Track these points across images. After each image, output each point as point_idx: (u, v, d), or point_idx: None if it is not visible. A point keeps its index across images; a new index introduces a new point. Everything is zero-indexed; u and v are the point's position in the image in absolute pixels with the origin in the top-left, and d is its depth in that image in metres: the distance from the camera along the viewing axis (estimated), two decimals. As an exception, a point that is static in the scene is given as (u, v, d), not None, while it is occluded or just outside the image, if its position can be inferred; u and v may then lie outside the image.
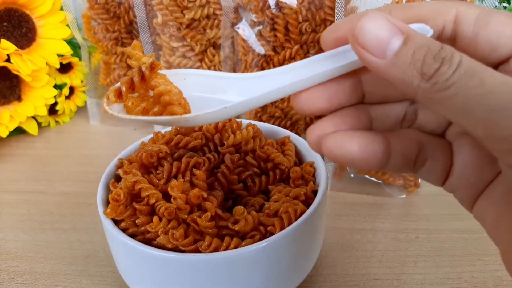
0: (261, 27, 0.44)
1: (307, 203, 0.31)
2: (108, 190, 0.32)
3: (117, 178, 0.34)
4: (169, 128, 0.37)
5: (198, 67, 0.51)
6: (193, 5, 0.47)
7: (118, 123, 0.59)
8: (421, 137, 0.21)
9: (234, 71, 0.50)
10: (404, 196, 0.43)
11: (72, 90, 0.61)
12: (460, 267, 0.35)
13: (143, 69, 0.23)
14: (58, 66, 0.55)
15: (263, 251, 0.27)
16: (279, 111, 0.47)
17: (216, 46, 0.50)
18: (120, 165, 0.34)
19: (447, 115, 0.16)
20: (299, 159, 0.37)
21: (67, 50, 0.55)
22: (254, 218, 0.29)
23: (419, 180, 0.43)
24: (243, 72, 0.47)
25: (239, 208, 0.29)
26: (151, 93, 0.24)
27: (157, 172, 0.31)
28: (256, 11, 0.43)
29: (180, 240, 0.27)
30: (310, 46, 0.43)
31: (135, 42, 0.25)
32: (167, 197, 0.30)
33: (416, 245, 0.37)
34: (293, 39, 0.43)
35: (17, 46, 0.52)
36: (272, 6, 0.42)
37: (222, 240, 0.28)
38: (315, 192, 0.32)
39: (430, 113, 0.21)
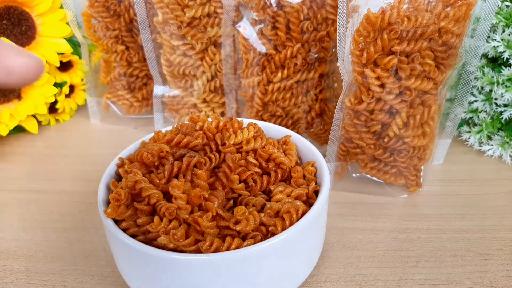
0: (262, 25, 0.43)
1: (309, 203, 0.31)
2: (108, 190, 0.32)
3: (118, 178, 0.34)
4: (170, 127, 0.36)
5: (199, 66, 0.51)
6: (194, 3, 0.47)
7: (119, 121, 0.59)
8: None
9: (235, 69, 0.50)
10: (406, 195, 0.43)
11: (72, 88, 0.60)
12: (462, 267, 0.35)
13: None
14: (58, 65, 0.55)
15: (264, 251, 0.27)
16: (280, 110, 0.47)
17: (217, 44, 0.50)
18: (120, 164, 0.34)
19: None
20: (301, 159, 0.36)
21: (67, 48, 0.55)
22: (256, 218, 0.28)
23: (421, 179, 0.43)
24: (244, 71, 0.47)
25: (241, 208, 0.29)
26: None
27: (158, 171, 0.31)
28: (257, 10, 0.43)
29: (181, 240, 0.27)
30: (312, 45, 0.43)
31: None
32: (168, 197, 0.30)
33: (418, 245, 0.37)
34: (295, 37, 0.42)
35: (17, 44, 0.51)
36: (274, 5, 0.41)
37: (224, 241, 0.27)
38: (316, 192, 0.32)
39: None
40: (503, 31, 0.46)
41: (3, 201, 0.45)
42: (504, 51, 0.45)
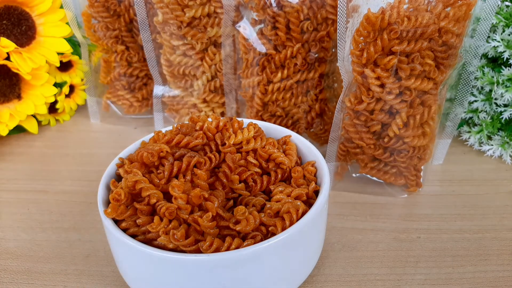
0: (262, 25, 0.43)
1: (309, 203, 0.31)
2: (108, 190, 0.32)
3: (118, 178, 0.34)
4: (170, 127, 0.36)
5: (199, 66, 0.51)
6: (194, 3, 0.47)
7: (119, 121, 0.59)
8: None
9: (235, 69, 0.50)
10: (406, 195, 0.43)
11: (72, 88, 0.60)
12: (461, 267, 0.35)
13: None
14: (58, 64, 0.55)
15: (264, 251, 0.27)
16: (280, 110, 0.47)
17: (217, 44, 0.50)
18: (120, 164, 0.34)
19: None
20: (301, 159, 0.36)
21: (67, 48, 0.55)
22: (256, 218, 0.28)
23: (421, 179, 0.43)
24: (244, 71, 0.47)
25: (241, 208, 0.29)
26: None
27: (158, 171, 0.31)
28: (257, 10, 0.43)
29: (181, 240, 0.27)
30: (312, 45, 0.43)
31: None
32: (168, 197, 0.30)
33: (418, 245, 0.37)
34: (295, 37, 0.42)
35: (17, 44, 0.51)
36: (274, 5, 0.41)
37: (224, 241, 0.27)
38: (316, 192, 0.32)
39: None
40: (503, 31, 0.46)
41: (3, 201, 0.45)
42: (504, 51, 0.45)
